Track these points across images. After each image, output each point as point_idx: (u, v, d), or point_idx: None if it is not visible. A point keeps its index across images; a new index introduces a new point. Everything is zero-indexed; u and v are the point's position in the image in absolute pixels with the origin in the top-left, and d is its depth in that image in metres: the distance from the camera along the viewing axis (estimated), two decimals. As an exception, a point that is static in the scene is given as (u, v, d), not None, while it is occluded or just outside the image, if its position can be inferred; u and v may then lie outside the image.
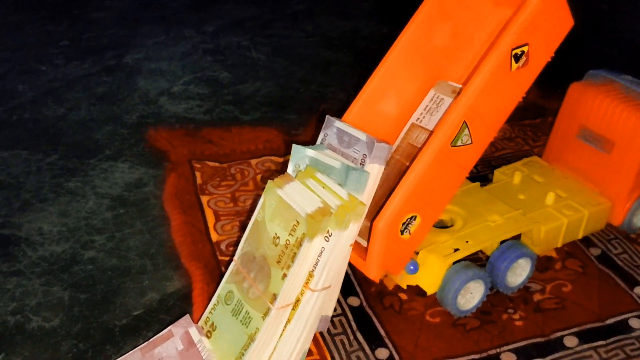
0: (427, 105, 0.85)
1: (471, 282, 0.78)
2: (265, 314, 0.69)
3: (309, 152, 0.75)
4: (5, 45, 1.46)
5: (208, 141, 1.12)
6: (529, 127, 1.17)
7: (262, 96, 1.28)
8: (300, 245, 0.68)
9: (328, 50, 1.47)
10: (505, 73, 0.74)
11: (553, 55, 0.78)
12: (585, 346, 0.76)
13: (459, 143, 0.74)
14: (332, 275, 0.72)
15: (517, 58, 0.74)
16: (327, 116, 0.78)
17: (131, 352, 0.73)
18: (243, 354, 0.69)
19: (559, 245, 0.88)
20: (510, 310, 0.80)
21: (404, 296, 0.82)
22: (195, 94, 1.28)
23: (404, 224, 0.73)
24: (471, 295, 0.79)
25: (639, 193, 0.90)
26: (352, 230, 0.71)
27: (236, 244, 0.90)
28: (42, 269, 0.86)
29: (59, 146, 1.12)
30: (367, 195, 0.72)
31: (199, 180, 1.02)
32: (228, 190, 1.01)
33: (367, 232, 0.75)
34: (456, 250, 0.78)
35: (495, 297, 0.82)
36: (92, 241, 0.91)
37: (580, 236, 0.90)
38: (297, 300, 0.71)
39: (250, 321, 0.70)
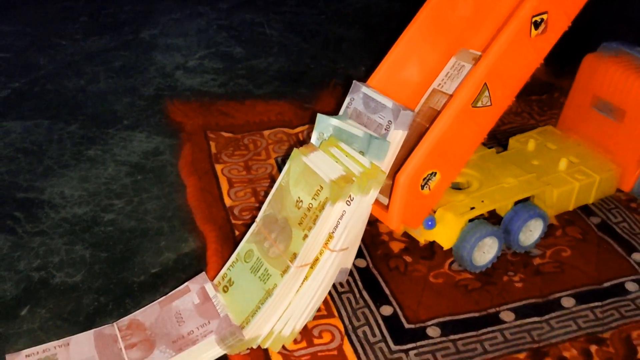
0: (448, 72, 0.88)
1: (486, 238, 0.82)
2: (284, 272, 0.72)
3: (333, 121, 0.79)
4: (27, 21, 1.50)
5: (222, 113, 1.16)
6: (535, 102, 1.20)
7: (274, 71, 1.31)
8: (323, 208, 0.72)
9: (339, 27, 1.50)
10: (525, 39, 0.77)
11: (570, 24, 0.81)
12: (582, 306, 0.79)
13: (479, 104, 0.77)
14: (351, 238, 0.76)
15: (536, 25, 0.77)
16: (354, 81, 0.81)
17: (150, 305, 0.77)
18: (260, 307, 0.73)
19: (571, 208, 0.92)
20: (510, 273, 0.84)
21: (408, 259, 0.86)
22: (210, 69, 1.31)
23: (424, 179, 0.77)
24: (484, 253, 0.84)
25: None
26: (372, 196, 0.74)
27: (249, 209, 0.94)
28: (64, 230, 0.91)
29: (79, 116, 1.16)
30: (388, 161, 0.76)
31: (213, 150, 1.06)
32: (241, 159, 1.04)
33: (388, 190, 0.78)
34: (472, 208, 0.82)
35: (497, 261, 0.85)
36: (112, 205, 0.96)
37: (591, 200, 0.93)
38: (316, 260, 0.74)
39: (268, 278, 0.74)
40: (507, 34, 0.76)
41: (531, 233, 0.86)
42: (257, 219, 0.79)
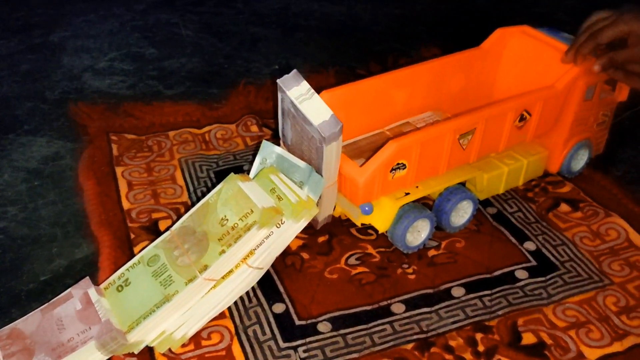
0: (423, 117, 0.98)
1: (418, 220, 0.84)
2: (190, 281, 0.72)
3: (277, 149, 0.82)
4: None
5: (128, 115, 1.13)
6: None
7: (186, 71, 1.30)
8: (248, 230, 0.73)
9: (257, 27, 1.49)
10: (509, 122, 0.88)
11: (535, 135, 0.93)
12: (471, 295, 0.80)
13: (461, 140, 0.84)
14: (269, 260, 0.78)
15: (521, 118, 0.89)
16: (277, 81, 0.79)
17: (32, 313, 0.75)
18: (154, 311, 0.72)
19: (501, 191, 0.95)
20: (405, 265, 0.84)
21: (306, 255, 0.86)
22: (120, 70, 1.29)
23: (398, 164, 0.80)
24: (418, 233, 0.86)
25: (574, 142, 0.97)
26: (301, 225, 0.77)
27: (147, 212, 0.92)
28: (-49, 240, 0.87)
29: (-23, 122, 1.12)
30: (333, 167, 0.79)
31: (115, 152, 1.04)
32: (143, 161, 1.02)
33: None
34: (407, 194, 0.84)
35: (393, 254, 0.86)
36: (5, 212, 0.92)
37: (520, 183, 0.96)
38: (230, 271, 0.75)
39: (171, 284, 0.73)
40: (507, 106, 0.87)
41: (463, 214, 0.89)
42: (173, 228, 0.79)
